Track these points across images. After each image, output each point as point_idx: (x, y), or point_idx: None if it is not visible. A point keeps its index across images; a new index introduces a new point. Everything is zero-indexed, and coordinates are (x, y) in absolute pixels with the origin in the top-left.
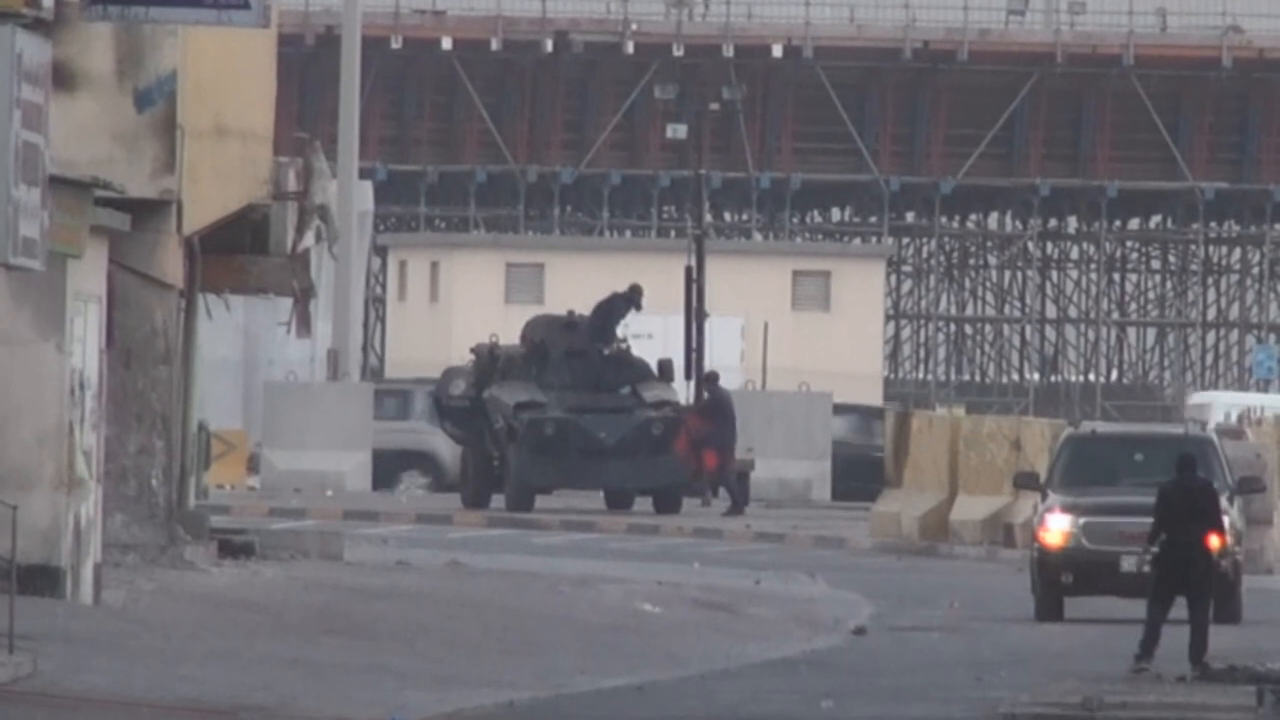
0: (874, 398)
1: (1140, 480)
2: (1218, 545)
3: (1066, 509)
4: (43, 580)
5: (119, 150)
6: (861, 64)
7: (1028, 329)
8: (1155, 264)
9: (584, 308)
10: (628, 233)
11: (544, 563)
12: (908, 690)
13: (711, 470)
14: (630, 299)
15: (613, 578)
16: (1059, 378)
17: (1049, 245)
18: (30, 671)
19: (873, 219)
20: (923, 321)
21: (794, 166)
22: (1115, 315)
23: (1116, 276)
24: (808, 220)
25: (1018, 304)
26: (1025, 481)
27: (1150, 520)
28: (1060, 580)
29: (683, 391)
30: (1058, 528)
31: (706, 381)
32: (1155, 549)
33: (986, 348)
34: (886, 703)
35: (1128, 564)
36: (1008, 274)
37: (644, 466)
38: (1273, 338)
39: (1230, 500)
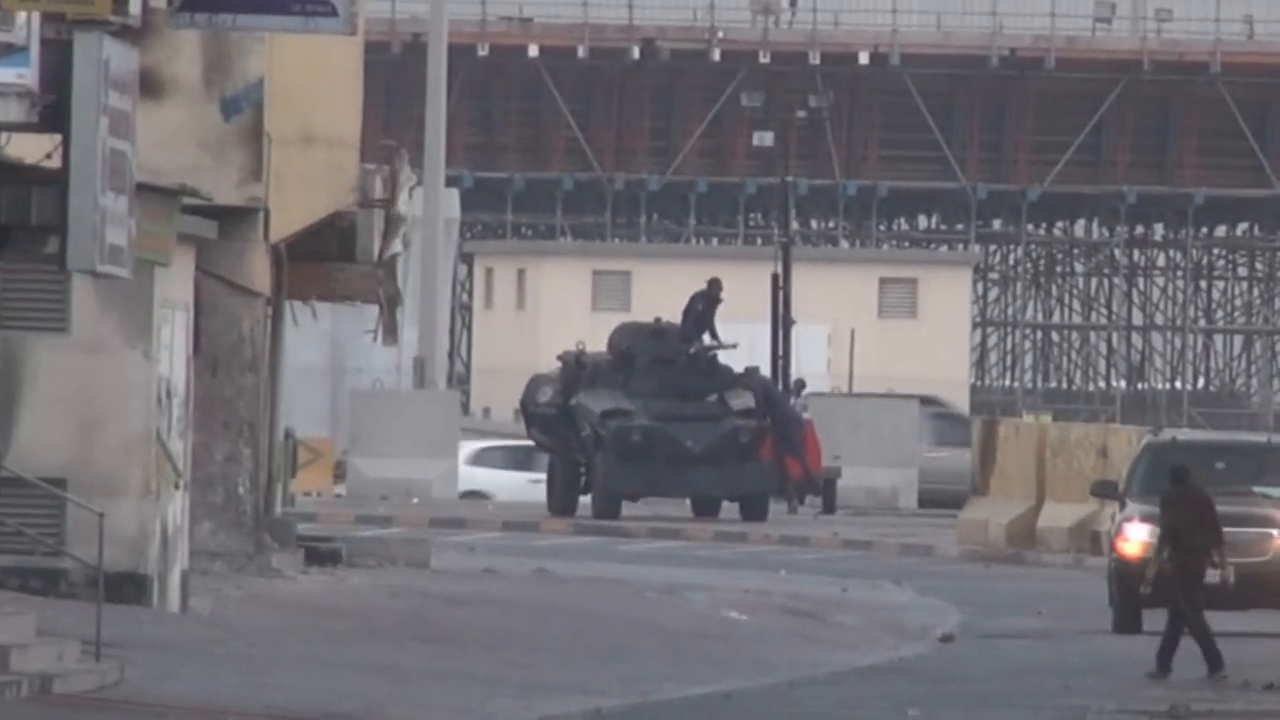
0: (961, 405)
1: (1221, 490)
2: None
3: (1145, 519)
4: (130, 588)
5: (206, 158)
6: (948, 71)
7: (1114, 336)
8: (1242, 271)
9: (671, 315)
10: (714, 240)
11: (630, 570)
12: (995, 697)
13: (797, 478)
14: (708, 294)
15: (699, 585)
16: (1146, 385)
17: (1135, 252)
18: (117, 679)
19: (959, 226)
20: (1009, 329)
21: (880, 174)
22: (1202, 322)
23: (1203, 283)
24: (894, 228)
25: (1104, 311)
26: (1103, 490)
27: (1225, 529)
28: (1139, 592)
29: None
30: (1136, 538)
31: (792, 388)
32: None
33: (1073, 355)
34: (974, 710)
35: (1209, 575)
36: (1094, 281)
37: (731, 474)
38: None
39: None
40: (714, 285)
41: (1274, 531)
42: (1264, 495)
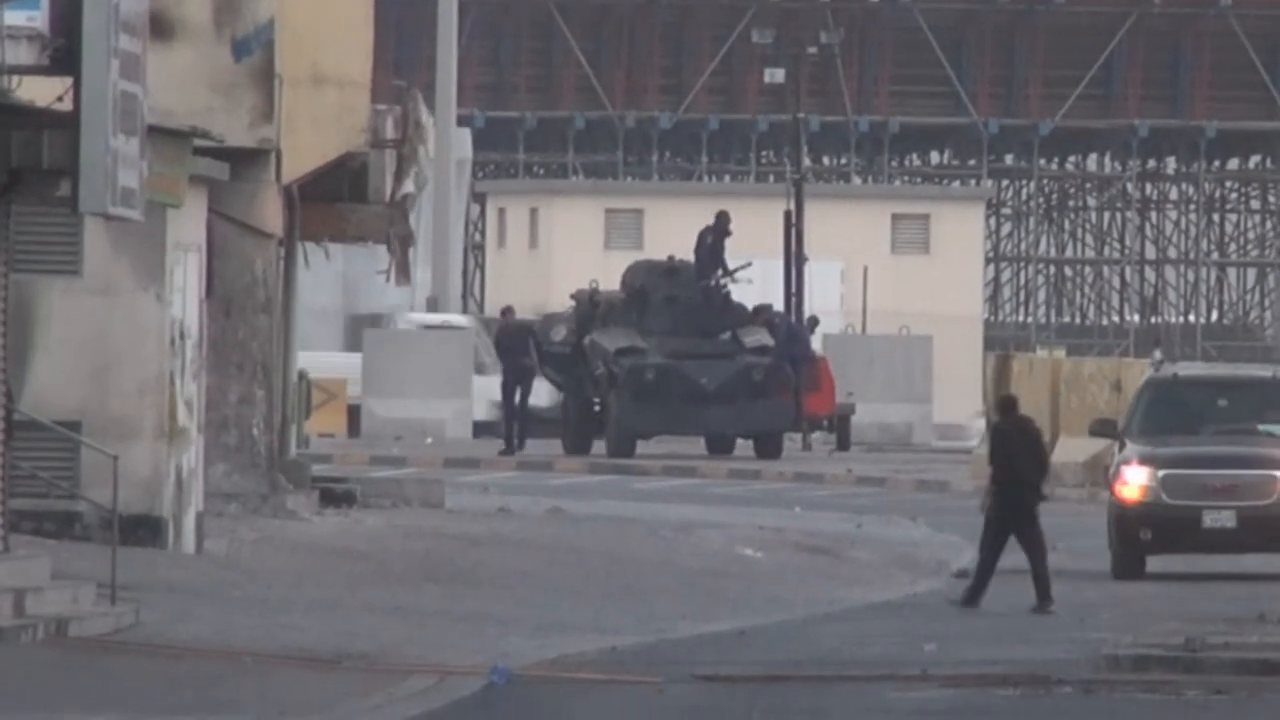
0: (974, 340)
1: (1225, 428)
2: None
3: (1145, 460)
4: (145, 530)
5: (217, 99)
6: (959, 6)
7: (1127, 270)
8: (1255, 204)
9: (683, 253)
10: (726, 178)
11: (645, 508)
12: (1010, 633)
13: (811, 414)
14: (717, 226)
15: (714, 523)
16: (1159, 319)
17: (1148, 186)
18: (133, 621)
19: (971, 162)
20: (1022, 264)
21: (892, 110)
22: (1215, 256)
23: (1216, 217)
24: (906, 163)
25: (1117, 245)
26: (1102, 429)
27: (1230, 470)
28: (1139, 537)
29: None
30: (1135, 481)
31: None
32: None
33: (1086, 289)
34: (989, 645)
35: (1211, 519)
36: (1107, 215)
37: (745, 411)
38: None
39: None
40: (722, 218)
41: (1279, 473)
42: (1269, 433)
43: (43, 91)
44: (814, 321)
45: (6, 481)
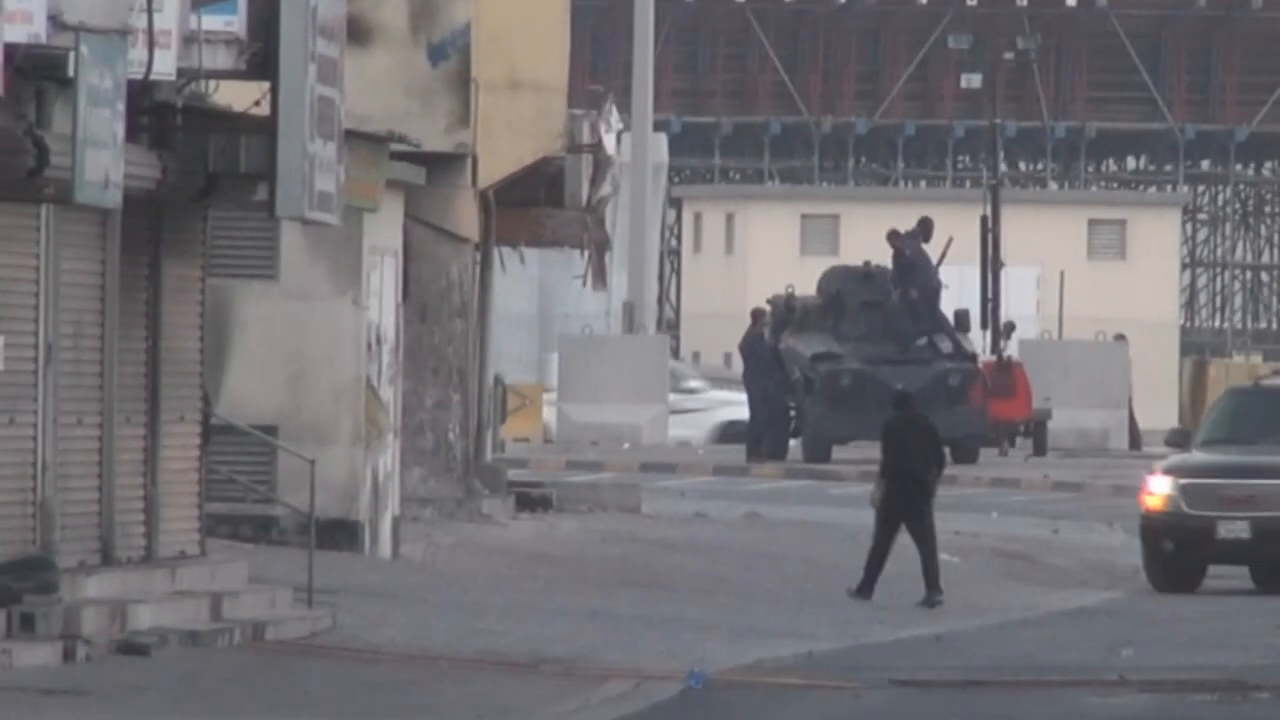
0: (1171, 347)
1: None
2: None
3: (1169, 470)
4: (341, 535)
5: (413, 104)
6: (1155, 12)
7: None
8: None
9: (879, 258)
10: (922, 183)
11: (841, 514)
12: (1206, 639)
13: (1008, 420)
14: (916, 233)
15: None
16: None
17: None
18: (330, 625)
19: (1168, 167)
20: (1218, 269)
21: (1089, 115)
22: None
23: None
24: (1103, 169)
25: None
26: (1176, 439)
27: (1246, 480)
28: (1162, 547)
29: (979, 342)
30: (1159, 491)
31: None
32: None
33: None
34: (1186, 651)
35: (1225, 529)
36: None
37: (940, 417)
38: None
39: None
40: (923, 225)
41: None
42: None
43: (240, 96)
44: (1010, 327)
45: (204, 485)
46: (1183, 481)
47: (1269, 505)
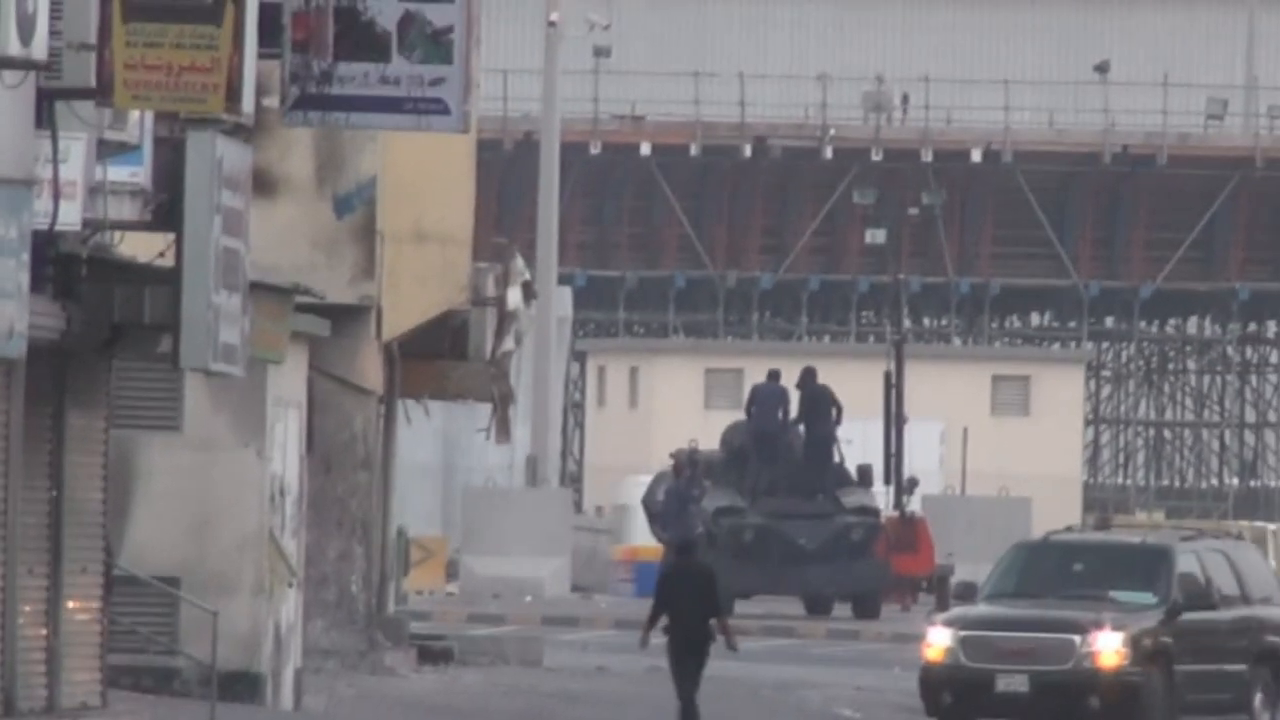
0: (1073, 503)
1: (1074, 593)
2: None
3: (949, 623)
4: (243, 686)
5: (319, 256)
6: (1061, 168)
7: (1227, 433)
8: None
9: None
10: (826, 338)
11: (744, 668)
12: None
13: (910, 575)
14: (771, 386)
15: (813, 683)
16: (1259, 482)
17: (1249, 350)
18: None
19: (1072, 324)
20: (1122, 426)
21: (993, 271)
22: None
23: None
24: (1007, 325)
25: (1217, 408)
26: (962, 592)
27: (1026, 634)
28: (941, 700)
29: (882, 498)
30: (938, 643)
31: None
32: (657, 630)
33: (1186, 452)
34: None
35: (1004, 683)
36: (1207, 378)
37: (843, 572)
38: None
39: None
40: (771, 375)
41: (1075, 638)
42: (1120, 600)
43: (145, 247)
44: (913, 482)
45: (106, 636)
46: (962, 634)
47: (1048, 659)
